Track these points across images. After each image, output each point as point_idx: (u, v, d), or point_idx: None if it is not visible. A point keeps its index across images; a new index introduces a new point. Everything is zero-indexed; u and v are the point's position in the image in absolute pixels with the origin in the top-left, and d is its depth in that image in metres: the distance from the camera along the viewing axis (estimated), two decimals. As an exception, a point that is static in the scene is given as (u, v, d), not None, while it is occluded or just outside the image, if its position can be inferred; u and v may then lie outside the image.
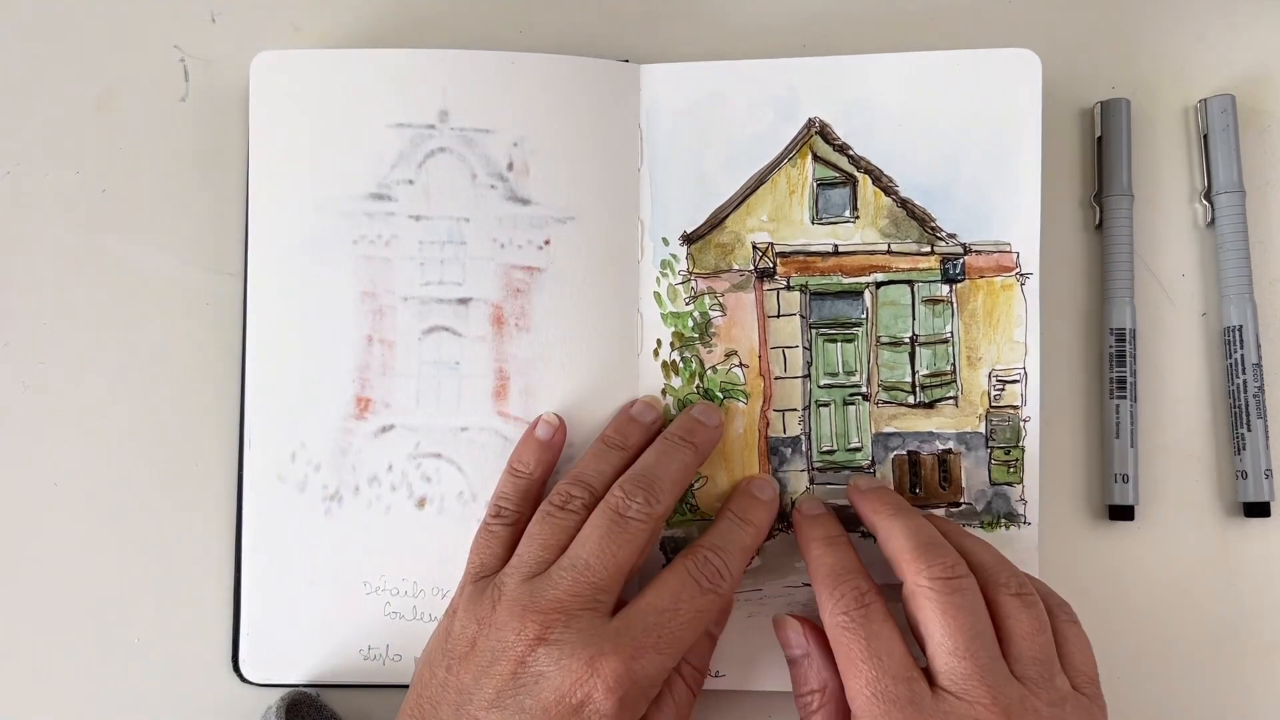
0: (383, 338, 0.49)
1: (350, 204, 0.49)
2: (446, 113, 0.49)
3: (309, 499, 0.49)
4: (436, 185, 0.49)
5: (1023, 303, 0.48)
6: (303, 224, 0.49)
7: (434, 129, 0.49)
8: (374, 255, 0.49)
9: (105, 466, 0.50)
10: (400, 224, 0.49)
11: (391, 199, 0.49)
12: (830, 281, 0.49)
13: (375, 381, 0.49)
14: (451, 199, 0.49)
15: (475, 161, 0.49)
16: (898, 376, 0.49)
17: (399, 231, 0.49)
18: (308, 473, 0.49)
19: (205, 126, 0.51)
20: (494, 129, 0.49)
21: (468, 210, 0.49)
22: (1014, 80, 0.48)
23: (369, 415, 0.49)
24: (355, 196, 0.49)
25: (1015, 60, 0.48)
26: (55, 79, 0.51)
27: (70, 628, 0.49)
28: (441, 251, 0.49)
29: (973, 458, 0.48)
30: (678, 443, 0.46)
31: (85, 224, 0.51)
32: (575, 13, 0.52)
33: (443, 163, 0.49)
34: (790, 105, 0.49)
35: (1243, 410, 0.49)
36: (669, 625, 0.41)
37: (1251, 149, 0.51)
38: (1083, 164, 0.52)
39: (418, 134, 0.49)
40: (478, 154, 0.49)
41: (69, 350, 0.50)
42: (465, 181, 0.49)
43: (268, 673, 0.49)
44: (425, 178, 0.49)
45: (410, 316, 0.49)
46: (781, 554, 0.49)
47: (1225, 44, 0.52)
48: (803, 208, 0.49)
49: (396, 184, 0.49)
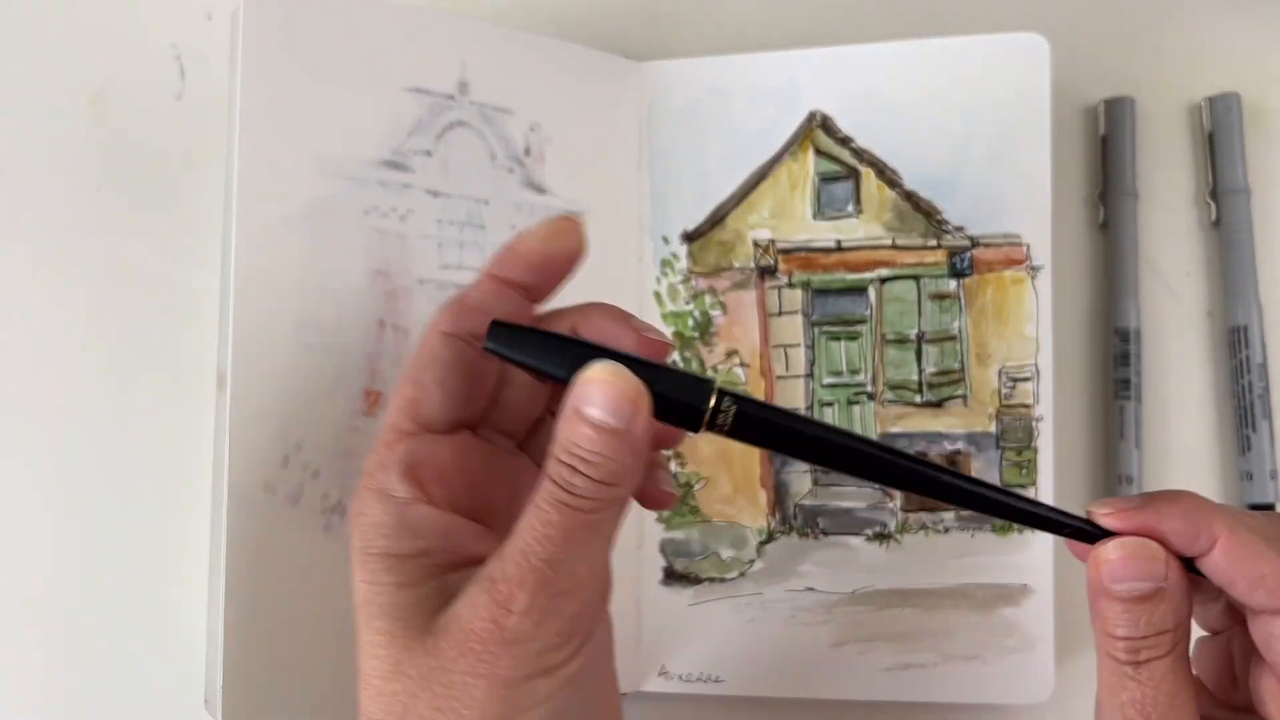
0: (396, 323, 0.44)
1: (361, 169, 0.44)
2: (466, 84, 0.46)
3: (304, 513, 0.42)
4: (456, 160, 0.46)
5: (1034, 297, 0.47)
6: (303, 187, 0.43)
7: (454, 100, 0.46)
8: (388, 230, 0.44)
9: (99, 470, 0.49)
10: (417, 198, 0.45)
11: (408, 169, 0.45)
12: (833, 278, 0.48)
13: (388, 373, 0.44)
14: (471, 178, 0.46)
15: (495, 141, 0.46)
16: (904, 375, 0.48)
17: (415, 206, 0.45)
18: (304, 480, 0.43)
19: (201, 124, 0.50)
20: (513, 109, 0.46)
21: (487, 192, 0.46)
22: (1022, 66, 0.47)
23: (379, 411, 0.44)
24: (367, 161, 0.44)
25: (1023, 45, 0.47)
26: (49, 76, 0.51)
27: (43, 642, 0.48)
28: (461, 233, 0.46)
29: (983, 459, 0.47)
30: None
31: (79, 223, 0.50)
32: (577, 6, 0.52)
33: (462, 137, 0.46)
34: (791, 98, 0.48)
35: (1248, 411, 0.49)
36: None
37: (1257, 148, 0.51)
38: (1087, 162, 0.52)
39: (437, 103, 0.45)
40: (497, 133, 0.46)
41: (65, 350, 0.49)
42: (485, 161, 0.46)
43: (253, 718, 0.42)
44: (444, 150, 0.45)
45: (427, 301, 0.45)
46: (783, 557, 0.48)
47: (1231, 42, 0.52)
48: (804, 203, 0.49)
49: (413, 154, 0.45)
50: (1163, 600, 0.31)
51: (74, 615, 0.48)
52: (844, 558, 0.47)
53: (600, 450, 0.32)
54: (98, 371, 0.49)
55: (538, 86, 0.47)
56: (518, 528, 0.32)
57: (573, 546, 0.32)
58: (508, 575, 0.31)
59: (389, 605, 0.32)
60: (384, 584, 0.32)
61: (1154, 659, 0.31)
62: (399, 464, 0.33)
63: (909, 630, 0.45)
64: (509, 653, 0.31)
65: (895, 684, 0.46)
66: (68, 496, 0.49)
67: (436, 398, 0.34)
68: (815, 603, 0.46)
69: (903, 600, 0.43)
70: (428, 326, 0.35)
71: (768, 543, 0.48)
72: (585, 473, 0.31)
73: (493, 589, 0.31)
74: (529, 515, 0.32)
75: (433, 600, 0.32)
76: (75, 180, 0.50)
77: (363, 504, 0.33)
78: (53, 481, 0.49)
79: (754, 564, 0.48)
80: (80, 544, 0.49)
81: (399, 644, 0.32)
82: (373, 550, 0.33)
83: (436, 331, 0.35)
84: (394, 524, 0.33)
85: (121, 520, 0.49)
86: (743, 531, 0.48)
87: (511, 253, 0.36)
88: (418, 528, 0.33)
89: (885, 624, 0.46)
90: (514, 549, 0.31)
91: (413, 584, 0.32)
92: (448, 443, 0.35)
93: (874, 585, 0.47)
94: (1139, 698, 0.31)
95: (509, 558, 0.31)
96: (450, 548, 0.33)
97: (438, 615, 0.32)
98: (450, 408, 0.35)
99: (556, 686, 0.32)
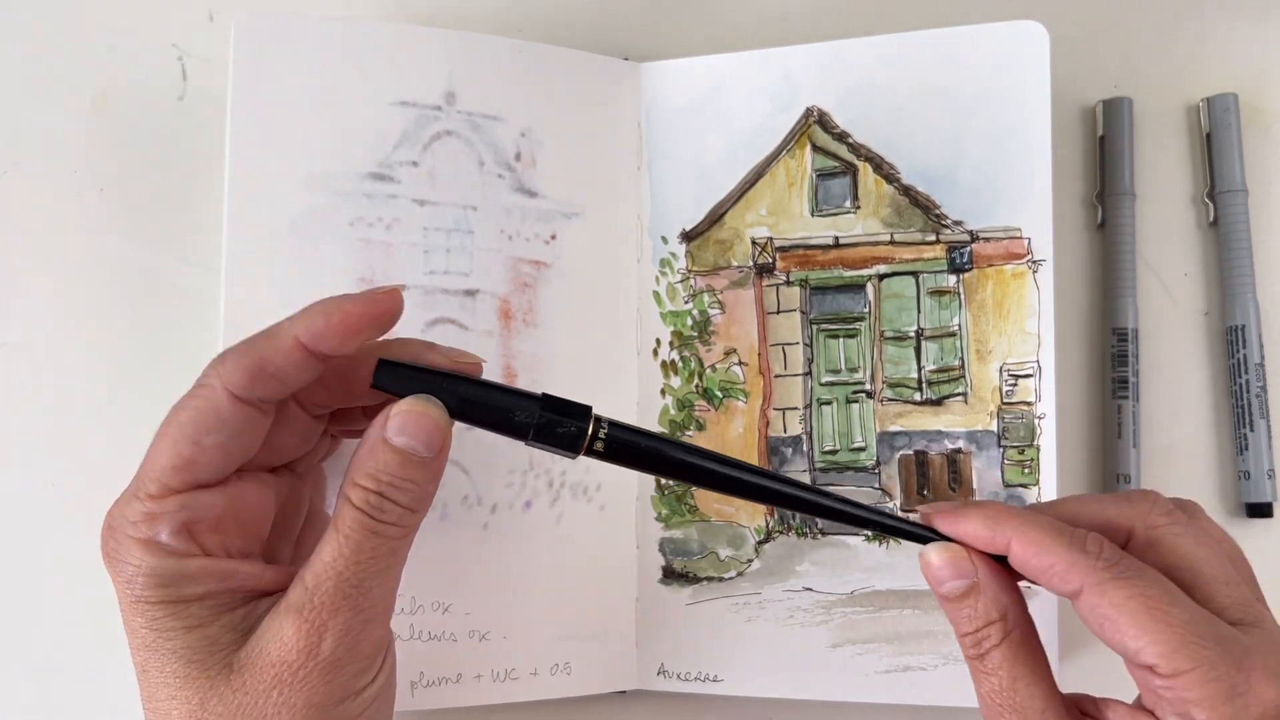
0: None
1: (347, 182, 0.45)
2: (453, 95, 0.46)
3: None
4: (443, 169, 0.46)
5: (1035, 291, 0.46)
6: (291, 201, 0.45)
7: (440, 110, 0.46)
8: (373, 239, 0.45)
9: (101, 469, 0.47)
10: (403, 207, 0.45)
11: (394, 180, 0.45)
12: (831, 275, 0.47)
13: None
14: (458, 185, 0.46)
15: (483, 148, 0.46)
16: (903, 373, 0.47)
17: (401, 215, 0.45)
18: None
19: (203, 125, 0.49)
20: (502, 117, 0.46)
21: (475, 198, 0.46)
22: (1020, 55, 0.46)
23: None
24: (353, 175, 0.45)
25: (1020, 34, 0.46)
26: (52, 78, 0.50)
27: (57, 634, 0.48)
28: (448, 240, 0.46)
29: (984, 458, 0.46)
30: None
31: (82, 223, 0.49)
32: (573, 8, 0.51)
33: (450, 146, 0.46)
34: (787, 95, 0.47)
35: (1245, 410, 0.48)
36: None
37: (1254, 148, 0.50)
38: (1085, 163, 0.51)
39: (423, 114, 0.46)
40: (486, 140, 0.46)
41: (67, 351, 0.49)
42: (473, 168, 0.46)
43: None
44: (431, 161, 0.46)
45: (413, 307, 0.45)
46: (781, 557, 0.47)
47: (1228, 43, 0.51)
48: (802, 200, 0.47)
49: (399, 165, 0.45)
50: (979, 595, 0.34)
51: (74, 613, 0.48)
52: (842, 558, 0.46)
53: (409, 477, 0.33)
54: (99, 370, 0.49)
55: (528, 92, 0.47)
56: (319, 555, 0.32)
57: (380, 571, 0.33)
58: (317, 603, 0.32)
59: (181, 649, 0.32)
60: (170, 629, 0.32)
61: (991, 649, 0.34)
62: (171, 521, 0.32)
63: (908, 631, 0.44)
64: (324, 679, 0.32)
65: (894, 686, 0.45)
66: (68, 496, 0.48)
67: (217, 461, 0.33)
68: (813, 603, 0.45)
69: (902, 601, 0.42)
70: (206, 379, 0.34)
71: (766, 542, 0.47)
72: (394, 499, 0.33)
73: (301, 618, 0.31)
74: (333, 542, 0.32)
75: (225, 638, 0.32)
76: (78, 180, 0.50)
77: (129, 552, 0.33)
78: (53, 480, 0.48)
79: (752, 564, 0.47)
80: (81, 542, 0.47)
81: (198, 685, 0.32)
82: (151, 599, 0.32)
83: (226, 393, 0.33)
84: (171, 574, 0.32)
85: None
86: (741, 531, 0.47)
87: (326, 323, 0.34)
88: (197, 576, 0.32)
89: (884, 625, 0.45)
90: (320, 576, 0.32)
91: (202, 625, 0.32)
92: (219, 494, 0.34)
93: (873, 586, 0.46)
94: (990, 687, 0.34)
95: (316, 586, 0.32)
96: (231, 588, 0.33)
97: (236, 651, 0.32)
98: (228, 465, 0.34)
99: (365, 704, 0.33)
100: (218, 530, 0.33)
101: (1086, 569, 0.32)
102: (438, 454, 0.33)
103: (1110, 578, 0.32)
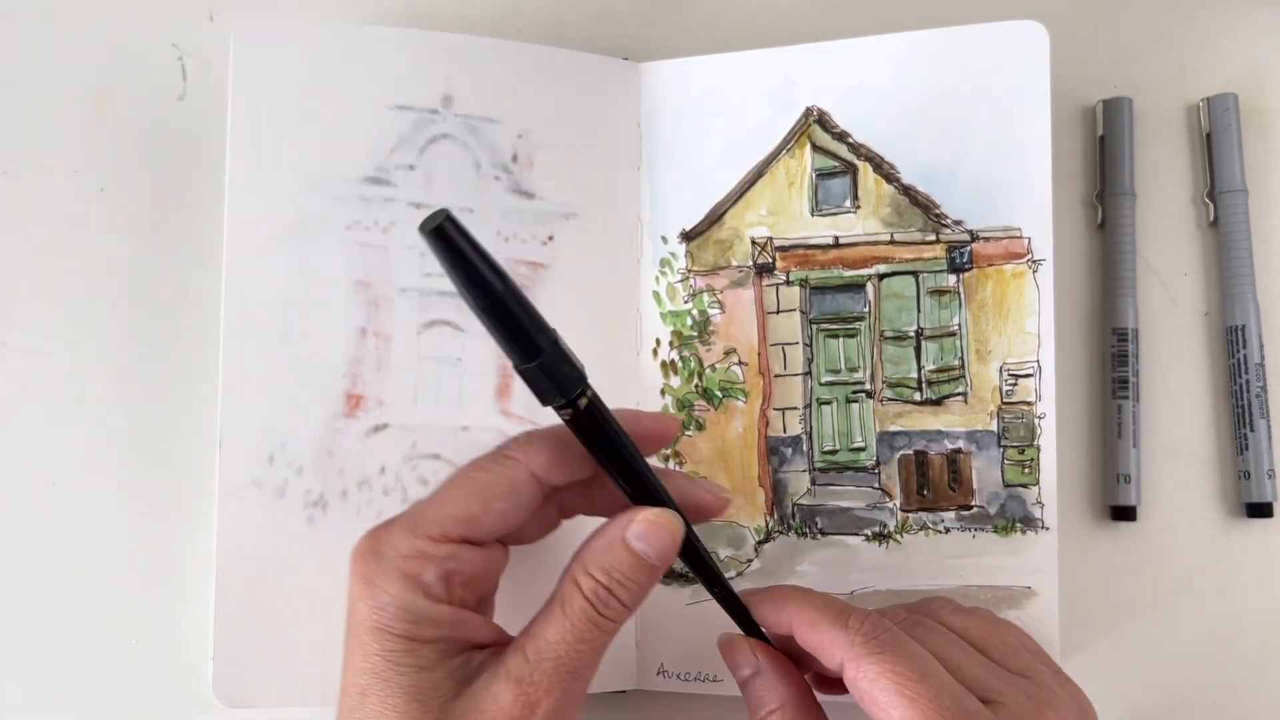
0: (378, 331, 0.45)
1: (344, 187, 0.45)
2: (450, 98, 0.46)
3: (288, 506, 0.44)
4: (439, 172, 0.46)
5: (1035, 291, 0.46)
6: (289, 206, 0.45)
7: (437, 114, 0.46)
8: (370, 242, 0.45)
9: (102, 468, 0.48)
10: (400, 210, 0.46)
11: (390, 184, 0.46)
12: (831, 275, 0.47)
13: (368, 377, 0.45)
14: (455, 188, 0.46)
15: (480, 151, 0.46)
16: (903, 372, 0.46)
17: (398, 218, 0.46)
18: (288, 477, 0.44)
19: (203, 125, 0.49)
20: (499, 119, 0.46)
21: (472, 200, 0.46)
22: (1020, 55, 0.45)
23: (360, 414, 0.45)
24: (349, 179, 0.45)
25: (1020, 33, 0.45)
26: (53, 77, 0.50)
27: (52, 633, 0.47)
28: None
29: (984, 457, 0.46)
30: None
31: (83, 223, 0.49)
32: (572, 8, 0.51)
33: (446, 149, 0.46)
34: (787, 95, 0.47)
35: (1245, 410, 0.48)
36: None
37: (1254, 148, 0.49)
38: (1085, 163, 0.50)
39: (420, 118, 0.46)
40: (482, 143, 0.46)
41: (67, 351, 0.49)
42: (469, 170, 0.46)
43: (241, 699, 0.44)
44: (427, 164, 0.46)
45: (409, 309, 0.45)
46: (780, 557, 0.46)
47: (1228, 43, 0.50)
48: (802, 199, 0.47)
49: (396, 168, 0.46)
50: (761, 683, 0.38)
51: (75, 611, 0.48)
52: (843, 558, 0.46)
53: (637, 579, 0.35)
54: (99, 370, 0.49)
55: (526, 94, 0.47)
56: (543, 633, 0.35)
57: (591, 660, 0.35)
58: (536, 680, 0.34)
59: (409, 686, 0.34)
60: (404, 665, 0.34)
61: None
62: (439, 567, 0.35)
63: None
64: None
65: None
66: (68, 495, 0.48)
67: (494, 526, 0.36)
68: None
69: (902, 602, 0.41)
70: (510, 451, 0.36)
71: (765, 542, 0.46)
72: (619, 596, 0.35)
73: (519, 689, 0.34)
74: (560, 625, 0.35)
75: (446, 685, 0.34)
76: (78, 180, 0.50)
77: (389, 580, 0.35)
78: (53, 480, 0.48)
79: (752, 563, 0.47)
80: (81, 540, 0.48)
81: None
82: (395, 630, 0.34)
83: (528, 470, 0.36)
84: (421, 613, 0.34)
85: (123, 518, 0.48)
86: (741, 531, 0.47)
87: (635, 428, 0.37)
88: (440, 621, 0.35)
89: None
90: (542, 654, 0.34)
91: (430, 668, 0.34)
92: (479, 553, 0.36)
93: (873, 586, 0.46)
94: None
95: (538, 663, 0.34)
96: (458, 637, 0.35)
97: (453, 700, 0.34)
98: (497, 532, 0.36)
99: None
100: (466, 586, 0.36)
101: (846, 644, 0.35)
102: (665, 563, 0.36)
103: (866, 654, 0.34)
